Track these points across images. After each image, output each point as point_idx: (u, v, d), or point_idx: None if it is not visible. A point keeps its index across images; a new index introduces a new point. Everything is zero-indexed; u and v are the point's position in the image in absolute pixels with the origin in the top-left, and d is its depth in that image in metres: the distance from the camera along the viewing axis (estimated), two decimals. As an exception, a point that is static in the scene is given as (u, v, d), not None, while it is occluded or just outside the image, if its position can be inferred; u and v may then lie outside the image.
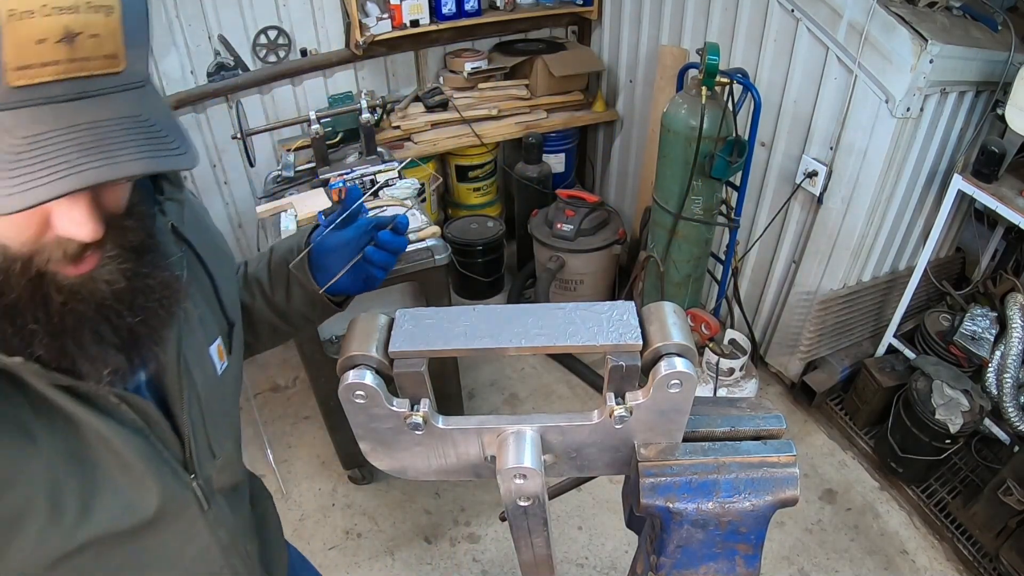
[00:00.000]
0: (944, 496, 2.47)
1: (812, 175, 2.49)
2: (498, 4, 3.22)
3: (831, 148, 2.42)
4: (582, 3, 3.34)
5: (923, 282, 2.58)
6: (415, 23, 3.00)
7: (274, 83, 2.97)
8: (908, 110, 2.16)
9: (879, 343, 2.74)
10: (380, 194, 2.29)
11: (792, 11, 2.37)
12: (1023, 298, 2.29)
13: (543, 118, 3.33)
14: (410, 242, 1.62)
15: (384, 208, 2.20)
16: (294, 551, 1.28)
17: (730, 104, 2.24)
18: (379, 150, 2.64)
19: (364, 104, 2.58)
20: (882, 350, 2.73)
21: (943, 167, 2.50)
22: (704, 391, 2.55)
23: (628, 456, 0.63)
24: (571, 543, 2.40)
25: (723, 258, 2.70)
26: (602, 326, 0.54)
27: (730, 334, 2.70)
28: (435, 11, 3.03)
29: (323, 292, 0.99)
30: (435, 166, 3.43)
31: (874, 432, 2.72)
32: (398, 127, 3.09)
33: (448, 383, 2.45)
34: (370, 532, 2.45)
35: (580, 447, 0.61)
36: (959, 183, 2.25)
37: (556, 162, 3.58)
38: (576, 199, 3.11)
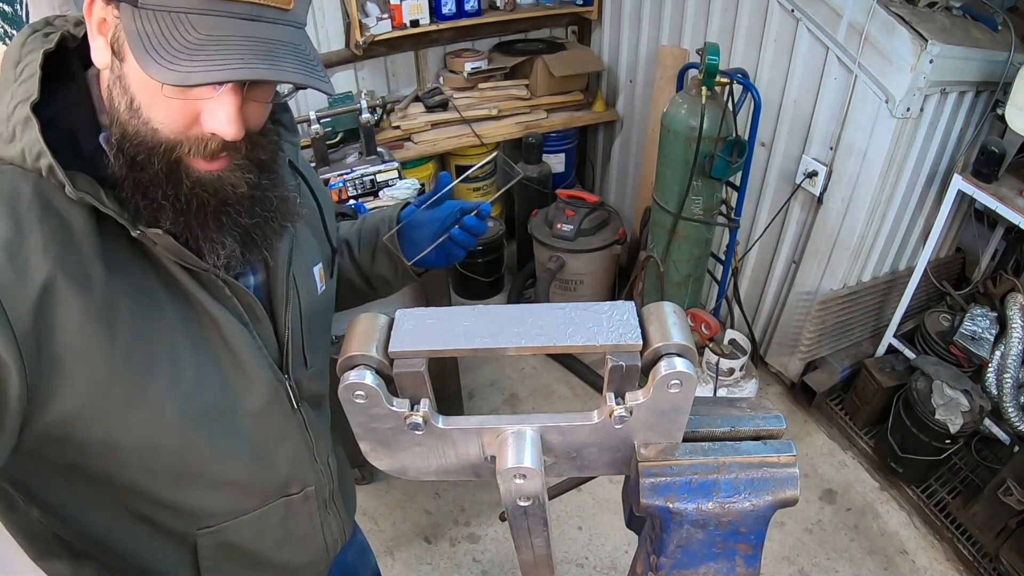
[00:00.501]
0: (944, 496, 2.47)
1: (812, 175, 2.49)
2: (498, 4, 3.22)
3: (831, 148, 2.42)
4: (582, 3, 3.33)
5: (923, 282, 2.58)
6: (415, 23, 3.00)
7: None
8: (908, 110, 2.16)
9: (879, 343, 2.74)
10: (380, 194, 2.29)
11: (792, 11, 2.37)
12: (1023, 298, 2.29)
13: (543, 118, 3.33)
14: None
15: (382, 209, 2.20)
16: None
17: (730, 104, 2.24)
18: (379, 150, 2.64)
19: (364, 104, 2.58)
20: (882, 350, 2.73)
21: (943, 167, 2.50)
22: (704, 391, 2.55)
23: (628, 456, 0.63)
24: (571, 543, 2.40)
25: (723, 258, 2.70)
26: (602, 326, 0.54)
27: (730, 334, 2.70)
28: (435, 11, 3.03)
29: (411, 265, 1.09)
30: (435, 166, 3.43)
31: (874, 432, 2.72)
32: (398, 127, 3.09)
33: (448, 383, 2.45)
34: (370, 532, 2.45)
35: (580, 447, 0.61)
36: (959, 183, 2.25)
37: (556, 162, 3.58)
38: (576, 199, 3.11)
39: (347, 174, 2.45)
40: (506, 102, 3.29)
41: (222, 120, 0.63)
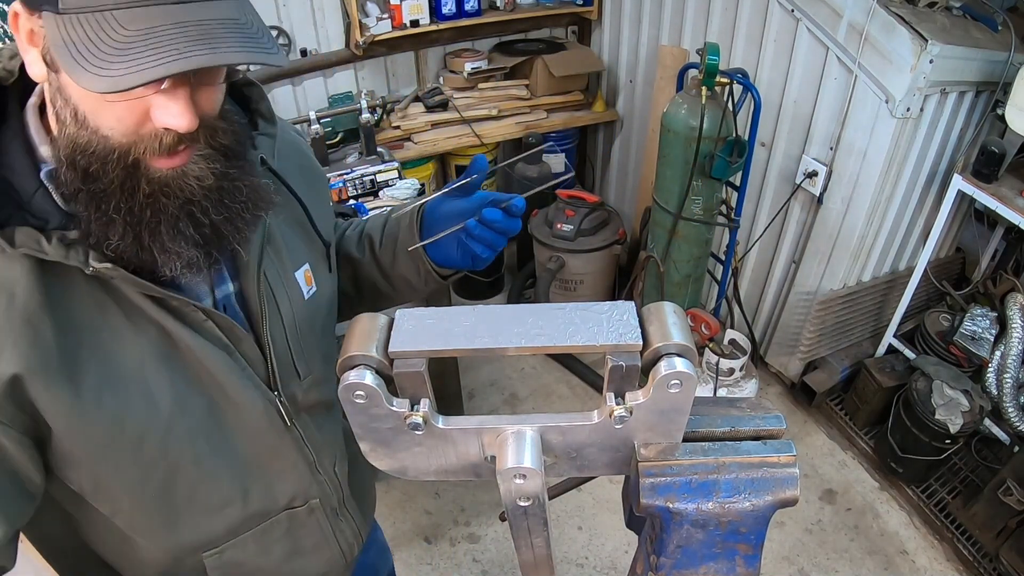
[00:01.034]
0: (944, 496, 2.47)
1: (812, 175, 2.49)
2: (498, 4, 3.22)
3: (831, 148, 2.42)
4: (582, 3, 3.33)
5: (923, 282, 2.58)
6: (415, 23, 3.00)
7: (274, 83, 2.97)
8: (908, 110, 2.16)
9: (879, 343, 2.74)
10: (380, 194, 2.29)
11: (792, 11, 2.37)
12: (1023, 298, 2.29)
13: (543, 118, 3.33)
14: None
15: (384, 208, 2.20)
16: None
17: (730, 104, 2.23)
18: (379, 150, 2.64)
19: (364, 104, 2.58)
20: (882, 350, 2.73)
21: (943, 167, 2.50)
22: (704, 391, 2.54)
23: (628, 456, 0.63)
24: (571, 543, 2.40)
25: (723, 258, 2.70)
26: (602, 326, 0.54)
27: (730, 334, 2.70)
28: (435, 11, 3.03)
29: (431, 263, 0.96)
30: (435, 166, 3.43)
31: (874, 432, 2.72)
32: (398, 127, 3.09)
33: (448, 383, 2.45)
34: (370, 532, 2.45)
35: (580, 447, 0.61)
36: (959, 183, 2.25)
37: (556, 162, 3.58)
38: (576, 199, 3.11)
39: (347, 174, 2.45)
40: (506, 102, 3.29)
41: (173, 113, 0.60)
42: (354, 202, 2.41)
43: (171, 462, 0.75)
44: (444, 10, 3.04)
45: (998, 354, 2.34)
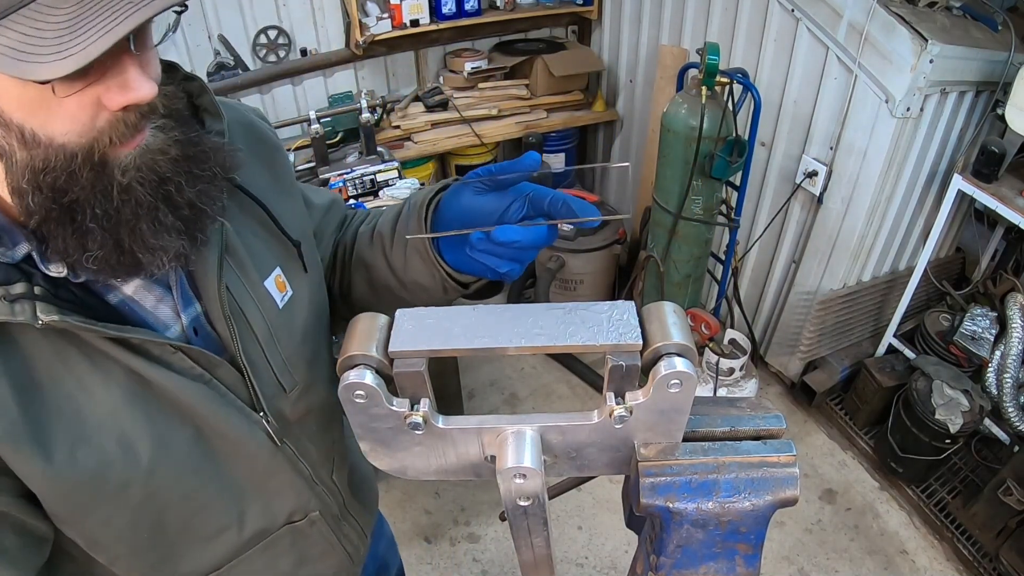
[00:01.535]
0: (944, 496, 2.47)
1: (812, 175, 2.49)
2: (498, 4, 3.22)
3: (831, 148, 2.42)
4: (582, 3, 3.33)
5: (923, 282, 2.58)
6: (415, 23, 3.00)
7: (274, 83, 2.97)
8: (908, 110, 2.16)
9: (879, 343, 2.74)
10: (380, 194, 2.29)
11: (792, 11, 2.37)
12: (1023, 298, 2.29)
13: (543, 118, 3.33)
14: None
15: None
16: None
17: (730, 104, 2.24)
18: (379, 150, 2.64)
19: (364, 104, 2.58)
20: (882, 350, 2.73)
21: (943, 167, 2.50)
22: (704, 391, 2.55)
23: (628, 456, 0.63)
24: (571, 543, 2.40)
25: (723, 258, 2.70)
26: (602, 326, 0.54)
27: (730, 334, 2.70)
28: (435, 11, 3.03)
29: (445, 266, 0.83)
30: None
31: (874, 432, 2.72)
32: (398, 127, 3.09)
33: (448, 383, 2.45)
34: (370, 532, 2.45)
35: (580, 447, 0.61)
36: (959, 183, 2.25)
37: (556, 162, 3.58)
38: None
39: (347, 174, 2.45)
40: (506, 102, 3.29)
41: (131, 86, 0.56)
42: (354, 202, 2.41)
43: (160, 502, 0.72)
44: (444, 10, 3.04)
45: (998, 354, 2.34)
